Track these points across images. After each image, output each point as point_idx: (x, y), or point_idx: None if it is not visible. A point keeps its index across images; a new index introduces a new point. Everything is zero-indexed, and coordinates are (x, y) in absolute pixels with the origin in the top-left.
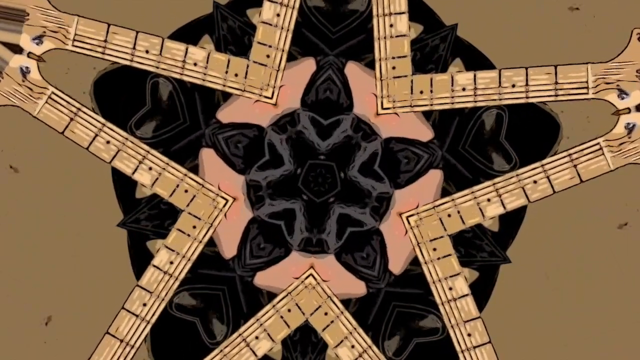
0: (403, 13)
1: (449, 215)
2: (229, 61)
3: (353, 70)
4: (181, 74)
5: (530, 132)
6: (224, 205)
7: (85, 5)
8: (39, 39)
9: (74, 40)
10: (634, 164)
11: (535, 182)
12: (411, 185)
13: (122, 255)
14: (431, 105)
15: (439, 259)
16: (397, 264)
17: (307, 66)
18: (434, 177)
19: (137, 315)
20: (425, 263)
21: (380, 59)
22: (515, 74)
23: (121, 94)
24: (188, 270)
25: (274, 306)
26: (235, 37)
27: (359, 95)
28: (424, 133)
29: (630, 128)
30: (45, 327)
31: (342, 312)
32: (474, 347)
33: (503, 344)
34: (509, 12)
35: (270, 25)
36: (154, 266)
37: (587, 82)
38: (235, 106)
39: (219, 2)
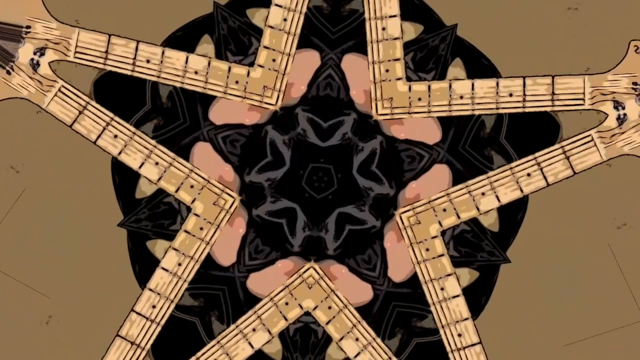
0: (395, 16)
1: (444, 210)
2: (229, 69)
3: (352, 64)
4: (182, 83)
5: (530, 132)
6: (231, 205)
7: (85, 4)
8: (41, 51)
9: (76, 52)
10: (627, 155)
11: (529, 174)
12: (417, 183)
13: (122, 255)
14: (429, 112)
15: (431, 259)
16: (399, 272)
17: (311, 59)
18: (442, 173)
19: (147, 318)
20: (418, 263)
21: (373, 63)
22: (513, 84)
23: (121, 94)
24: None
25: (271, 299)
26: (235, 37)
27: (360, 90)
28: (433, 133)
29: (621, 119)
30: (46, 327)
31: (345, 306)
32: (464, 348)
33: (503, 343)
34: (508, 12)
35: (278, 30)
36: (163, 269)
37: (583, 93)
38: (228, 103)
39: (218, 2)
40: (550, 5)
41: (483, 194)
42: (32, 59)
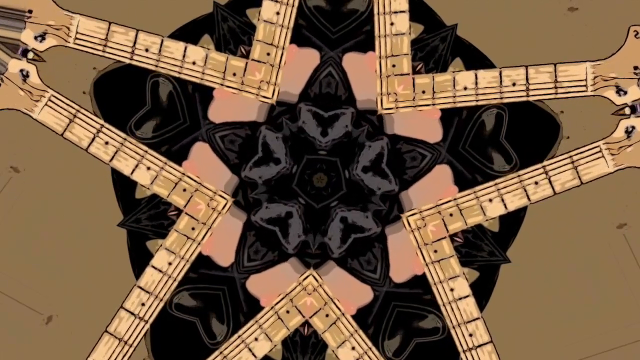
0: (404, 12)
1: (451, 215)
2: (227, 60)
3: (352, 61)
4: (180, 73)
5: (530, 132)
6: (223, 207)
7: (86, 4)
8: (41, 36)
9: (76, 38)
10: (634, 167)
11: (536, 183)
12: (419, 184)
13: (122, 255)
14: (433, 104)
15: (440, 260)
16: (401, 273)
17: (310, 57)
18: (444, 173)
19: (135, 315)
20: (427, 265)
21: (380, 57)
22: (516, 73)
23: (121, 94)
24: (187, 270)
25: (272, 308)
26: (235, 37)
27: (362, 87)
28: (435, 132)
29: (629, 131)
30: (45, 327)
31: (343, 314)
32: (476, 347)
33: (503, 343)
34: (509, 12)
35: (270, 23)
36: (153, 267)
37: (585, 79)
38: (226, 101)
39: (218, 2)
40: (551, 5)
41: (490, 200)
42: (21, 70)
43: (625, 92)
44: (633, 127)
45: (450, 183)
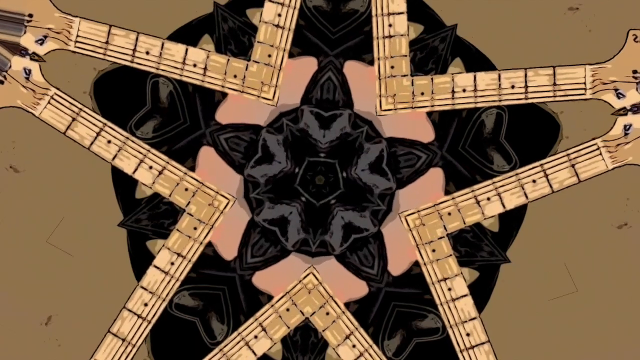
0: (402, 13)
1: (449, 214)
2: (228, 62)
3: (353, 69)
4: (181, 75)
5: (530, 132)
6: (225, 206)
7: (86, 4)
8: (42, 40)
9: (76, 41)
10: (631, 164)
11: (534, 181)
12: (413, 184)
13: (122, 255)
14: (432, 106)
15: (438, 260)
16: (398, 266)
17: (308, 64)
18: (436, 176)
19: (138, 315)
20: (425, 264)
21: (379, 59)
22: (515, 75)
23: (121, 94)
24: (189, 270)
25: (272, 306)
26: (235, 37)
27: (360, 93)
28: (426, 133)
29: (627, 129)
30: (45, 327)
31: (343, 312)
32: (473, 347)
33: (503, 343)
34: (509, 12)
35: (272, 25)
36: (155, 267)
37: (584, 82)
38: (234, 104)
39: (218, 2)
40: (551, 6)
41: (488, 199)
42: (24, 68)
43: (624, 96)
44: (630, 125)
45: (439, 189)
